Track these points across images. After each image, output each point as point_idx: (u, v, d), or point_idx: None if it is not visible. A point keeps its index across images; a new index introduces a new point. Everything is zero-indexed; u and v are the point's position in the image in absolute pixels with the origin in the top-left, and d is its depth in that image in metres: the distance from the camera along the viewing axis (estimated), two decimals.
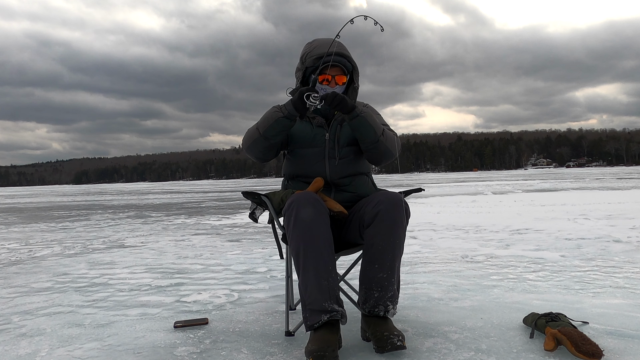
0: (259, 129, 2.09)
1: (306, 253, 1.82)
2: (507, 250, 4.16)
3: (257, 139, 2.10)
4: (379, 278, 1.88)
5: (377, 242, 1.88)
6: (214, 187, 35.87)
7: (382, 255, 1.88)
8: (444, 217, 7.24)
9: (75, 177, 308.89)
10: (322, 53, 2.07)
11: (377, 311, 1.89)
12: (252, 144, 2.13)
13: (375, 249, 1.89)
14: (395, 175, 70.69)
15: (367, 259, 1.92)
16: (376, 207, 1.90)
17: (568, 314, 2.17)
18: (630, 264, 3.41)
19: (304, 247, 1.82)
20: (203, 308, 2.60)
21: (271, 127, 2.05)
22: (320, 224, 1.84)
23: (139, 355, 1.92)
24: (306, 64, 2.12)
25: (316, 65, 2.09)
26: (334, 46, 2.07)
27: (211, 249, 4.77)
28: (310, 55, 2.12)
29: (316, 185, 2.07)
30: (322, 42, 2.13)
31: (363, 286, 1.94)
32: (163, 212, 10.70)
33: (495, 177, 41.41)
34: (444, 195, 13.87)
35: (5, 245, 5.66)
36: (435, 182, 28.28)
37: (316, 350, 1.69)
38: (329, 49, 2.06)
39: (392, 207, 1.89)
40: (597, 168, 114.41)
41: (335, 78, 2.11)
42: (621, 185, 16.53)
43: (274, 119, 2.05)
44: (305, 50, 2.16)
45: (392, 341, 1.77)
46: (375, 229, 1.89)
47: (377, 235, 1.88)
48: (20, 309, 2.71)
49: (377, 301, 1.89)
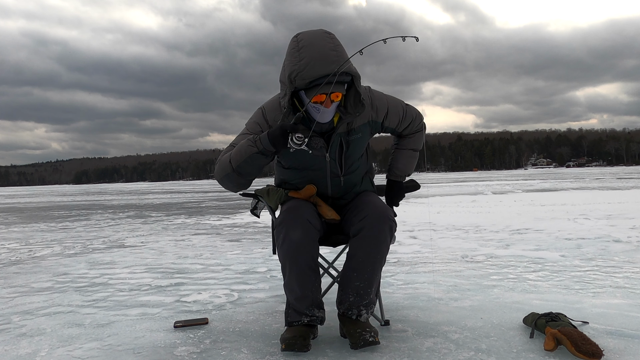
0: (231, 163, 1.85)
1: (292, 270, 1.89)
2: (507, 250, 4.16)
3: (229, 174, 1.87)
4: (356, 286, 1.92)
5: (359, 254, 1.89)
6: (214, 187, 35.85)
7: (362, 266, 1.90)
8: (444, 217, 7.24)
9: (75, 177, 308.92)
10: (317, 76, 1.70)
11: (350, 314, 1.93)
12: (224, 177, 1.90)
13: (356, 260, 1.90)
14: None
15: (348, 265, 1.94)
16: (362, 222, 1.88)
17: (568, 314, 2.17)
18: (630, 264, 3.41)
19: (290, 265, 1.88)
20: (203, 308, 2.60)
21: (245, 163, 1.82)
22: (306, 246, 1.87)
23: (139, 355, 1.92)
24: (295, 85, 1.75)
25: (308, 87, 1.75)
26: (332, 62, 1.71)
27: (211, 249, 4.77)
28: (301, 76, 1.72)
29: (308, 192, 1.98)
30: (316, 56, 1.71)
31: (341, 287, 1.98)
32: (163, 212, 10.69)
33: (495, 177, 41.40)
34: (444, 195, 13.87)
35: (5, 245, 5.66)
36: (435, 182, 28.28)
37: (289, 338, 1.84)
38: (326, 69, 1.70)
39: (377, 223, 1.87)
40: (597, 168, 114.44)
41: (330, 96, 1.77)
42: (621, 185, 16.53)
43: (248, 154, 1.80)
44: (293, 65, 1.74)
45: (364, 337, 1.84)
46: (359, 241, 1.89)
47: (360, 248, 1.89)
48: (20, 309, 2.71)
49: (352, 305, 1.93)
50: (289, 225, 1.85)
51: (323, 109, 1.79)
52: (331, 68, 1.70)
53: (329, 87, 1.72)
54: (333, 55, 1.73)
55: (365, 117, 1.97)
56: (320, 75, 1.70)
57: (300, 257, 1.86)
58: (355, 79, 1.81)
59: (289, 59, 1.78)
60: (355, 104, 1.87)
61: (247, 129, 1.97)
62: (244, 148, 1.81)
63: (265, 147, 1.77)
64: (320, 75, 1.70)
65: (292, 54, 1.77)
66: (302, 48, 1.74)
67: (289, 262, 1.88)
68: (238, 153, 1.83)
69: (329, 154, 1.94)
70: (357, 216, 1.92)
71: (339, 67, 1.71)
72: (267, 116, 1.94)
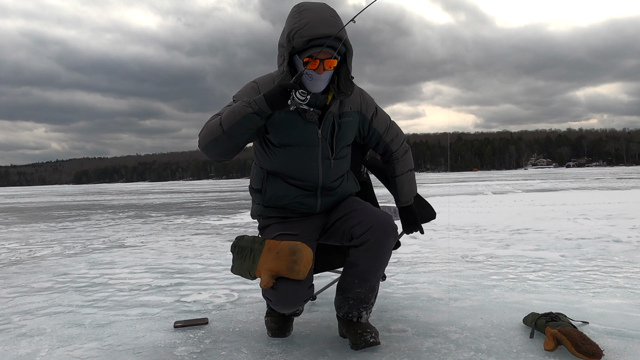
0: (222, 125, 1.74)
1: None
2: (507, 250, 4.16)
3: (219, 137, 1.75)
4: (357, 292, 1.90)
5: (362, 264, 1.85)
6: (214, 187, 35.86)
7: (365, 276, 1.87)
8: (444, 217, 7.24)
9: (75, 177, 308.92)
10: (315, 35, 1.71)
11: (350, 317, 1.93)
12: (211, 141, 1.77)
13: (358, 269, 1.86)
14: None
15: (349, 272, 1.89)
16: (367, 235, 1.81)
17: (568, 314, 2.17)
18: (630, 264, 3.41)
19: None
20: (203, 308, 2.60)
21: (238, 124, 1.71)
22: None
23: (139, 355, 1.92)
24: (293, 44, 1.74)
25: (305, 47, 1.74)
26: (331, 25, 1.73)
27: (211, 249, 4.77)
28: (300, 34, 1.72)
29: (305, 264, 1.70)
30: (316, 17, 1.74)
31: (340, 291, 1.94)
32: (163, 212, 10.69)
33: (495, 177, 41.41)
34: (444, 195, 13.87)
35: (5, 245, 5.66)
36: (435, 182, 28.28)
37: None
38: (325, 30, 1.71)
39: (383, 235, 1.82)
40: (597, 168, 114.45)
41: (324, 63, 1.74)
42: (621, 185, 16.53)
43: (242, 114, 1.70)
44: (293, 24, 1.75)
45: (365, 338, 1.85)
46: (362, 253, 1.83)
47: (364, 259, 1.84)
48: (20, 309, 2.71)
49: (352, 308, 1.92)
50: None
51: (316, 76, 1.75)
52: (330, 30, 1.71)
53: (324, 54, 1.73)
54: (332, 21, 1.75)
55: (356, 106, 1.94)
56: (318, 34, 1.70)
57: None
58: (349, 53, 1.81)
59: (289, 20, 1.78)
60: (345, 83, 1.84)
61: (233, 100, 1.86)
62: (238, 108, 1.72)
63: (261, 108, 1.69)
64: (318, 35, 1.70)
65: (292, 15, 1.78)
66: (303, 11, 1.76)
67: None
68: (231, 114, 1.73)
69: (321, 131, 1.85)
70: (359, 226, 1.83)
71: (337, 31, 1.72)
72: (260, 88, 1.85)
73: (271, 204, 1.95)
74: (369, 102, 2.00)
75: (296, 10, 1.78)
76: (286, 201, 1.92)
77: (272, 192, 1.92)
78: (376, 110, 2.02)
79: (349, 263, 1.88)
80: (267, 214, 1.97)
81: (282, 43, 1.80)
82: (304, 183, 1.91)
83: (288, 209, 1.95)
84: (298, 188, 1.91)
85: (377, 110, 2.02)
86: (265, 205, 1.97)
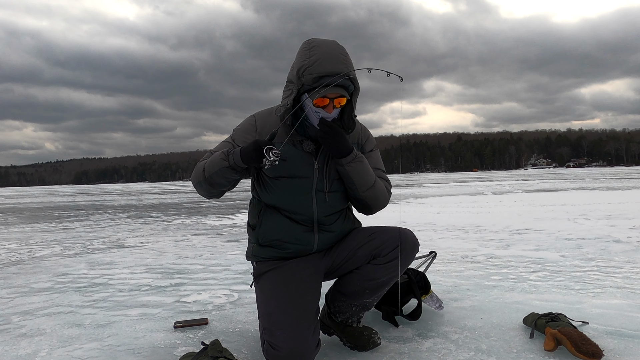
0: (204, 172, 1.76)
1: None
2: (507, 250, 4.16)
3: (202, 182, 1.78)
4: (364, 301, 1.92)
5: (381, 277, 1.85)
6: None
7: (379, 287, 1.89)
8: (444, 217, 7.24)
9: (75, 178, 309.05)
10: (324, 72, 1.67)
11: (350, 322, 1.95)
12: (197, 184, 1.82)
13: (375, 282, 1.86)
14: (396, 175, 70.80)
15: (360, 283, 1.87)
16: (395, 252, 1.82)
17: (568, 314, 2.17)
18: (630, 264, 3.41)
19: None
20: (203, 308, 2.60)
21: (216, 174, 1.73)
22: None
23: (139, 355, 1.92)
24: (303, 81, 1.70)
25: (314, 86, 1.69)
26: (341, 63, 1.70)
27: (211, 249, 4.77)
28: (309, 71, 1.68)
29: None
30: (326, 55, 1.70)
31: (343, 297, 1.93)
32: (163, 213, 10.70)
33: (495, 177, 41.42)
34: (444, 195, 13.87)
35: (5, 245, 5.66)
36: (435, 182, 28.28)
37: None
38: (334, 68, 1.67)
39: (412, 254, 1.89)
40: (597, 168, 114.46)
41: (333, 101, 1.72)
42: (621, 185, 16.53)
43: (219, 166, 1.71)
44: (303, 60, 1.72)
45: (373, 340, 1.88)
46: (384, 268, 1.84)
47: (384, 272, 1.85)
48: (20, 309, 2.71)
49: (353, 314, 1.94)
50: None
51: (324, 114, 1.73)
52: (339, 68, 1.68)
53: (333, 92, 1.69)
54: (342, 58, 1.72)
55: (355, 138, 1.92)
56: (328, 71, 1.67)
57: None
58: (355, 92, 1.78)
59: (299, 57, 1.75)
60: (348, 120, 1.80)
61: (231, 137, 1.87)
62: (217, 160, 1.72)
63: (236, 163, 1.67)
64: (328, 72, 1.67)
65: (302, 52, 1.75)
66: (312, 48, 1.73)
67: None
68: (211, 164, 1.74)
69: (317, 162, 1.80)
70: (384, 246, 1.83)
71: (347, 71, 1.70)
72: (257, 122, 1.86)
73: (267, 238, 1.87)
74: (369, 137, 1.98)
75: (306, 46, 1.76)
76: (282, 235, 1.85)
77: (268, 225, 1.87)
78: (374, 148, 1.98)
79: (363, 275, 1.86)
80: (262, 254, 1.89)
81: (290, 79, 1.77)
82: (299, 216, 1.83)
83: (284, 248, 1.86)
84: (294, 222, 1.84)
85: (375, 148, 1.99)
86: (260, 244, 1.90)
